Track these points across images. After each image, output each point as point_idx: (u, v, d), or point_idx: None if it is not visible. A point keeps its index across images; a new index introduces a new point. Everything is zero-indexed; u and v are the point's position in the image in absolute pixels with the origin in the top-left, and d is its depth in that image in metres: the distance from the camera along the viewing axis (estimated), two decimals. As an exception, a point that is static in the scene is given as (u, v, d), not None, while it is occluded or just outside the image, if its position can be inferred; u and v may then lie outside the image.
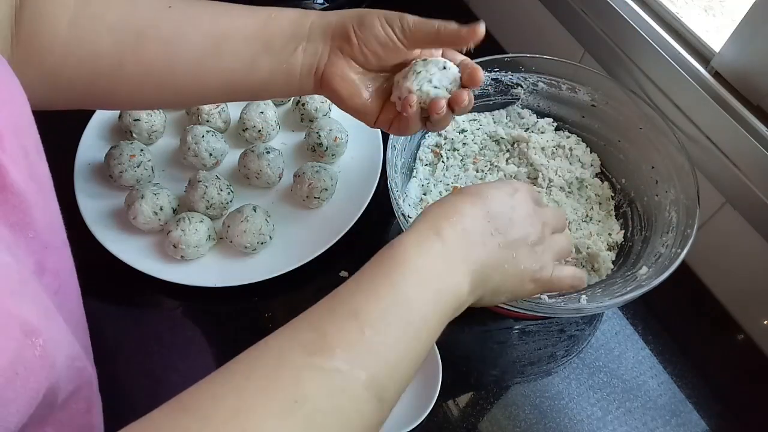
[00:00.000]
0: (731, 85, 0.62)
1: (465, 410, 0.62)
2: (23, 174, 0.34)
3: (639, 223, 0.69)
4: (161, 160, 0.75)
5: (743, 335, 0.68)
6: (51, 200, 0.39)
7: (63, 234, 0.40)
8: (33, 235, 0.35)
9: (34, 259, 0.35)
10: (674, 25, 0.67)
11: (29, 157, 0.36)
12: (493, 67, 0.72)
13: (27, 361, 0.30)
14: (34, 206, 0.35)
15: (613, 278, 0.66)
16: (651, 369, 0.65)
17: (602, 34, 0.72)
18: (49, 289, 0.37)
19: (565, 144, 0.75)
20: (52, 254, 0.38)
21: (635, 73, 0.70)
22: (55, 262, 0.38)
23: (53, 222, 0.39)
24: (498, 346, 0.66)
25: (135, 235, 0.68)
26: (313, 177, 0.69)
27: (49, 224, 0.38)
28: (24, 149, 0.35)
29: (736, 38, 0.60)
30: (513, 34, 0.91)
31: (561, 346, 0.67)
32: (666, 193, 0.66)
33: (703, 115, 0.63)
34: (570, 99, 0.74)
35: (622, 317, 0.69)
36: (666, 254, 0.60)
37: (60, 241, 0.40)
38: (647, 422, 0.62)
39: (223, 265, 0.67)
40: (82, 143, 0.74)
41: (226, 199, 0.69)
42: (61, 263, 0.40)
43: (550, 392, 0.63)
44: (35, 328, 0.31)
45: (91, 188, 0.71)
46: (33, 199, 0.35)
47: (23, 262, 0.34)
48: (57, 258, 0.39)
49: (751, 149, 0.59)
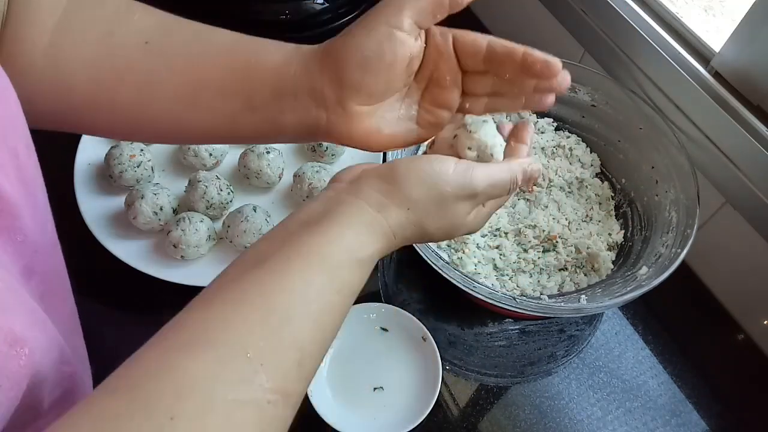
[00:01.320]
0: (731, 85, 0.62)
1: (465, 410, 0.62)
2: (11, 177, 0.33)
3: (639, 223, 0.69)
4: (161, 160, 0.75)
5: (743, 335, 0.68)
6: (41, 200, 0.38)
7: (53, 234, 0.39)
8: (22, 239, 0.34)
9: (22, 263, 0.35)
10: (674, 25, 0.67)
11: (19, 159, 0.34)
12: (493, 67, 0.72)
13: (11, 372, 0.29)
14: (23, 209, 0.34)
15: (613, 278, 0.66)
16: (651, 369, 0.65)
17: (602, 34, 0.72)
18: (36, 292, 0.36)
19: (565, 144, 0.75)
20: (41, 256, 0.37)
21: (635, 73, 0.70)
22: (44, 264, 0.37)
23: (43, 223, 0.38)
24: (498, 346, 0.66)
25: (135, 235, 0.68)
26: (313, 177, 0.69)
27: (39, 226, 0.37)
28: (13, 151, 0.34)
29: (736, 38, 0.60)
30: (513, 34, 0.91)
31: (561, 346, 0.67)
32: (666, 193, 0.66)
33: (703, 115, 0.63)
34: (570, 99, 0.74)
35: (622, 317, 0.69)
36: (666, 254, 0.60)
37: (50, 242, 0.39)
38: (647, 422, 0.62)
39: (223, 265, 0.66)
40: (82, 143, 0.74)
41: (226, 199, 0.69)
42: (51, 264, 0.39)
43: (550, 392, 0.63)
44: (20, 338, 0.30)
45: (91, 188, 0.71)
46: (22, 201, 0.34)
47: (10, 269, 0.33)
48: (46, 259, 0.38)
49: (751, 149, 0.59)
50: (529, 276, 0.67)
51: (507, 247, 0.68)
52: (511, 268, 0.67)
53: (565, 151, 0.75)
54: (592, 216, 0.72)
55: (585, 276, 0.67)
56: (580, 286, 0.67)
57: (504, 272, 0.67)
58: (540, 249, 0.68)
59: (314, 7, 0.91)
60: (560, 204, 0.71)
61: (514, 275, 0.67)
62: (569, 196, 0.73)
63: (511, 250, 0.68)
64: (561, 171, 0.73)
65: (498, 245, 0.68)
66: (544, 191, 0.72)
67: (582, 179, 0.73)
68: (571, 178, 0.73)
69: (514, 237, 0.69)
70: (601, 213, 0.72)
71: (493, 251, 0.68)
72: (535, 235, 0.68)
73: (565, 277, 0.67)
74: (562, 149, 0.75)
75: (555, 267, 0.67)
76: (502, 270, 0.67)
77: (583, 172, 0.74)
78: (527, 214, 0.71)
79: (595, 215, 0.72)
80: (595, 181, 0.74)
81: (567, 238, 0.68)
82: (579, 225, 0.70)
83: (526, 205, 0.72)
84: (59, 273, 0.41)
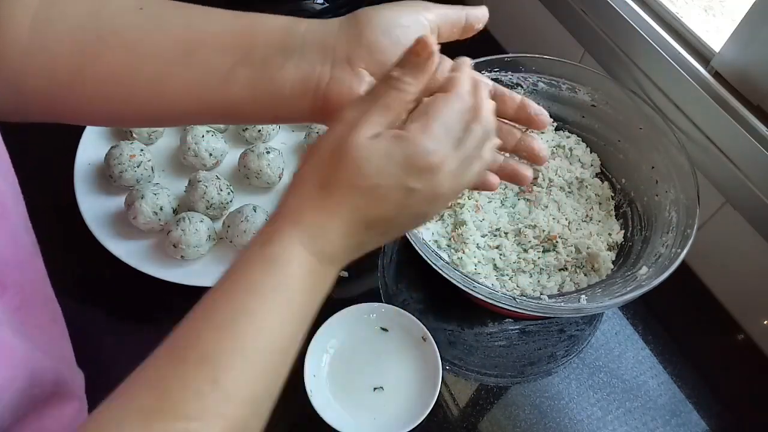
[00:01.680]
0: (731, 85, 0.62)
1: (465, 410, 0.62)
2: None
3: (639, 223, 0.69)
4: (161, 160, 0.75)
5: (743, 335, 0.68)
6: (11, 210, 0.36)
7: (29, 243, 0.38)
8: None
9: None
10: (674, 25, 0.67)
11: None
12: (493, 67, 0.72)
13: None
14: None
15: (613, 278, 0.66)
16: (651, 369, 0.65)
17: (602, 34, 0.72)
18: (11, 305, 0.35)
19: (565, 144, 0.75)
20: (14, 269, 0.36)
21: (635, 73, 0.70)
22: (17, 275, 0.36)
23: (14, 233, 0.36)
24: (498, 346, 0.66)
25: (135, 235, 0.68)
26: (313, 177, 0.69)
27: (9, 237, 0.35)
28: None
29: (736, 38, 0.60)
30: (513, 34, 0.91)
31: (561, 346, 0.67)
32: (666, 193, 0.66)
33: (703, 115, 0.63)
34: (570, 99, 0.74)
35: (622, 317, 0.69)
36: (666, 254, 0.60)
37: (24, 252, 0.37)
38: (647, 422, 0.62)
39: (222, 265, 0.67)
40: (82, 143, 0.74)
41: (226, 199, 0.69)
42: (27, 274, 0.38)
43: (550, 392, 0.63)
44: None
45: (91, 188, 0.71)
46: None
47: None
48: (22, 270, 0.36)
49: (751, 149, 0.59)
50: (529, 276, 0.67)
51: (507, 247, 0.68)
52: (511, 268, 0.67)
53: (565, 151, 0.75)
54: (592, 216, 0.72)
55: (585, 276, 0.67)
56: (580, 286, 0.67)
57: (504, 272, 0.67)
58: (540, 249, 0.68)
59: (314, 7, 0.91)
60: (560, 204, 0.71)
61: (514, 275, 0.67)
62: (569, 196, 0.73)
63: (511, 250, 0.68)
64: (561, 171, 0.73)
65: (498, 245, 0.68)
66: (544, 191, 0.72)
67: (582, 179, 0.73)
68: (571, 178, 0.73)
69: (514, 237, 0.69)
70: (601, 213, 0.72)
71: (493, 251, 0.68)
72: (535, 235, 0.68)
73: (565, 277, 0.67)
74: (562, 149, 0.75)
75: (555, 267, 0.67)
76: (502, 270, 0.67)
77: (583, 172, 0.74)
78: (527, 214, 0.71)
79: (595, 215, 0.72)
80: (595, 181, 0.74)
81: (567, 238, 0.68)
82: (579, 225, 0.70)
83: (526, 205, 0.72)
84: (37, 282, 0.40)
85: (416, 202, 0.35)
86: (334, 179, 0.34)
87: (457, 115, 0.35)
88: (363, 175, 0.33)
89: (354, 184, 0.34)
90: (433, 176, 0.34)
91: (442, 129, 0.35)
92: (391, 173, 0.34)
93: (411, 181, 0.34)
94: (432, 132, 0.34)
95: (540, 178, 0.72)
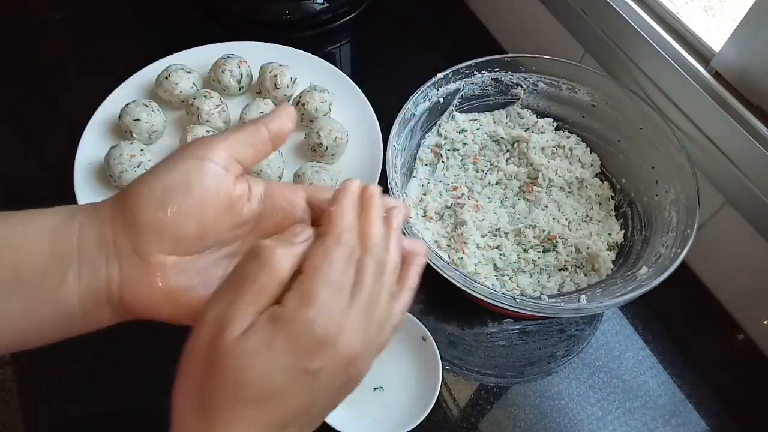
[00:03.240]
0: (731, 85, 0.62)
1: (465, 410, 0.62)
2: None
3: (639, 223, 0.69)
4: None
5: (743, 335, 0.68)
6: None
7: None
8: None
9: None
10: (674, 25, 0.67)
11: None
12: (493, 67, 0.72)
13: None
14: None
15: (613, 278, 0.66)
16: (651, 369, 0.65)
17: (602, 34, 0.72)
18: None
19: (565, 144, 0.75)
20: None
21: (635, 73, 0.70)
22: None
23: None
24: (498, 346, 0.66)
25: (135, 235, 0.68)
26: (313, 177, 0.69)
27: None
28: None
29: (736, 38, 0.60)
30: (513, 34, 0.91)
31: (561, 346, 0.67)
32: (666, 193, 0.66)
33: (703, 115, 0.63)
34: (570, 99, 0.74)
35: (622, 317, 0.69)
36: (666, 254, 0.60)
37: None
38: (647, 422, 0.62)
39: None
40: (82, 143, 0.74)
41: (226, 199, 0.69)
42: None
43: (550, 392, 0.63)
44: None
45: (91, 188, 0.71)
46: None
47: None
48: None
49: (751, 149, 0.59)
50: (529, 276, 0.67)
51: (507, 247, 0.68)
52: (511, 268, 0.67)
53: (565, 151, 0.75)
54: (592, 216, 0.72)
55: (585, 276, 0.67)
56: (580, 286, 0.67)
57: (504, 272, 0.67)
58: (540, 249, 0.68)
59: (314, 7, 0.91)
60: (560, 204, 0.72)
61: (514, 275, 0.67)
62: (569, 196, 0.73)
63: (511, 250, 0.68)
64: (561, 171, 0.73)
65: (498, 245, 0.68)
66: (544, 191, 0.72)
67: (582, 179, 0.73)
68: (571, 178, 0.73)
69: (514, 237, 0.69)
70: (601, 213, 0.72)
71: (493, 251, 0.68)
72: (535, 235, 0.68)
73: (565, 277, 0.67)
74: (562, 149, 0.75)
75: (555, 267, 0.67)
76: (502, 270, 0.67)
77: (583, 172, 0.74)
78: (527, 214, 0.71)
79: (595, 215, 0.72)
80: (595, 181, 0.74)
81: (567, 238, 0.68)
82: (579, 225, 0.70)
83: (526, 205, 0.72)
84: None
85: (327, 379, 0.29)
86: (214, 399, 0.28)
87: (339, 265, 0.29)
88: (247, 385, 0.28)
89: (240, 397, 0.28)
90: (333, 346, 0.29)
91: (326, 289, 0.29)
92: (281, 366, 0.28)
93: (308, 363, 0.28)
94: (314, 298, 0.28)
95: (540, 178, 0.72)
